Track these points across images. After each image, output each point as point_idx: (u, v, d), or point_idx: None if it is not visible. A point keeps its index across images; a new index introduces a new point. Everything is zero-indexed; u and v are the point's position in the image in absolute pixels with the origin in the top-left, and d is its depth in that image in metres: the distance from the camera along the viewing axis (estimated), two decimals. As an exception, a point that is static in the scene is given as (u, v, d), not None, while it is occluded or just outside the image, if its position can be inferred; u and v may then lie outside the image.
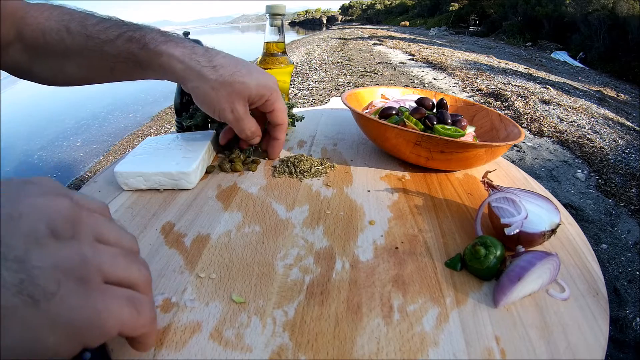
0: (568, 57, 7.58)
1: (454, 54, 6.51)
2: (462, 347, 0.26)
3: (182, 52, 0.40)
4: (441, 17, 17.53)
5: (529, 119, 2.97)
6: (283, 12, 0.59)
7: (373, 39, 9.31)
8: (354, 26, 22.80)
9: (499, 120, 0.58)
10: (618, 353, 1.10)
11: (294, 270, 0.32)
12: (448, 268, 0.33)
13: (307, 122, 0.69)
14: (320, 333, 0.26)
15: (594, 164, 2.33)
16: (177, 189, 0.44)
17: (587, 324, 0.28)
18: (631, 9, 7.26)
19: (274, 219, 0.39)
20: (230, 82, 0.41)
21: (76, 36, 0.39)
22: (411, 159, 0.50)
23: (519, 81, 4.32)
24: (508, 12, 11.11)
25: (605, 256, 1.51)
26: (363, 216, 0.40)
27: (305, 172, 0.48)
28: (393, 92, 0.68)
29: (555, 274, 0.31)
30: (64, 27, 0.39)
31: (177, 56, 0.40)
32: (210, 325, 0.27)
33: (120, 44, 0.39)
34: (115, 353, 0.24)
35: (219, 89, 0.41)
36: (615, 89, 4.90)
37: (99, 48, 0.39)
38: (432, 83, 4.21)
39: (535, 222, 0.34)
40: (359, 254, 0.34)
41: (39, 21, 0.39)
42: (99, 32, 0.39)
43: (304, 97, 3.44)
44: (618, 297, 1.31)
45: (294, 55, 6.63)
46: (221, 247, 0.34)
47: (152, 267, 0.31)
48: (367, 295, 0.30)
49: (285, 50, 0.63)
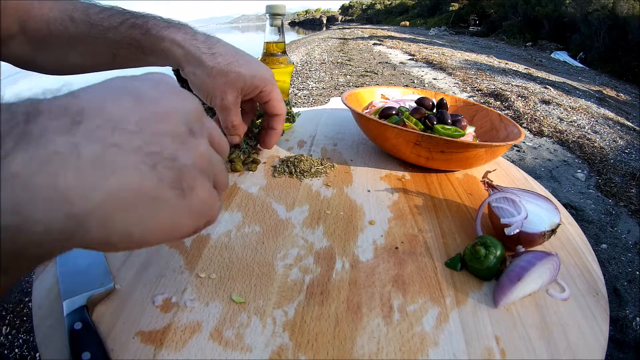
0: (568, 57, 7.59)
1: (454, 54, 6.51)
2: (462, 347, 0.26)
3: (183, 37, 0.40)
4: (441, 17, 17.54)
5: (529, 119, 2.97)
6: (283, 12, 0.59)
7: (373, 39, 9.31)
8: (354, 26, 22.80)
9: (499, 120, 0.58)
10: (618, 353, 1.10)
11: (294, 270, 0.32)
12: (448, 268, 0.33)
13: (307, 122, 0.69)
14: (320, 333, 0.26)
15: (594, 164, 2.33)
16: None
17: (587, 324, 0.28)
18: (631, 9, 7.27)
19: (274, 219, 0.39)
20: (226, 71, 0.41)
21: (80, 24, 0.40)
22: (411, 159, 0.50)
23: (519, 81, 4.32)
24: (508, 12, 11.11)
25: (605, 256, 1.51)
26: (363, 216, 0.40)
27: (305, 172, 0.48)
28: (393, 92, 0.68)
29: (555, 274, 0.31)
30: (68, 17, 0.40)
31: (178, 41, 0.40)
32: (210, 325, 0.27)
33: (124, 30, 0.40)
34: (115, 353, 0.24)
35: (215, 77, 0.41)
36: (615, 89, 4.90)
37: (102, 35, 0.40)
38: (432, 83, 4.21)
39: (535, 222, 0.34)
40: (359, 254, 0.34)
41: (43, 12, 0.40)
42: (102, 19, 0.40)
43: (304, 97, 3.44)
44: (618, 297, 1.31)
45: (294, 55, 6.63)
46: (221, 247, 0.34)
47: (152, 267, 0.31)
48: (367, 295, 0.30)
49: (285, 50, 0.63)
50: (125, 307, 0.28)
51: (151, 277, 0.30)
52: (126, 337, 0.25)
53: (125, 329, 0.26)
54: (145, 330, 0.26)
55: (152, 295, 0.29)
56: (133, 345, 0.25)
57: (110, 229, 0.16)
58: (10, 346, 1.02)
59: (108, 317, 0.27)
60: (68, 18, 0.40)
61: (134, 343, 0.25)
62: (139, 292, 0.29)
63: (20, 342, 1.03)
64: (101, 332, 0.25)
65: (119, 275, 0.30)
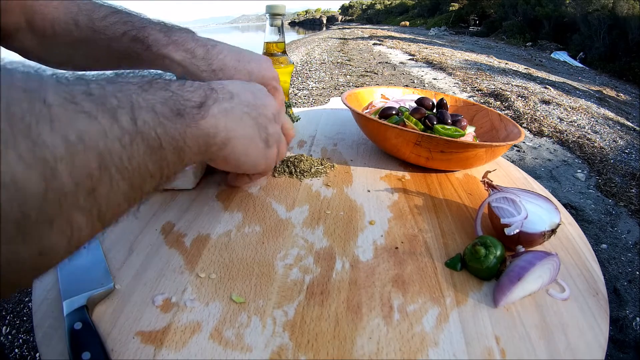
0: (568, 57, 7.59)
1: (454, 54, 6.51)
2: (462, 347, 0.26)
3: (182, 57, 0.41)
4: (441, 17, 17.53)
5: (529, 119, 2.97)
6: (283, 12, 0.59)
7: (373, 39, 9.31)
8: (354, 26, 22.79)
9: (499, 120, 0.58)
10: (618, 353, 1.10)
11: (294, 270, 0.32)
12: (448, 268, 0.33)
13: (307, 122, 0.69)
14: (320, 333, 0.26)
15: (594, 164, 2.33)
16: (177, 189, 0.44)
17: (587, 324, 0.29)
18: (631, 9, 7.27)
19: (274, 219, 0.39)
20: None
21: (84, 30, 0.41)
22: (411, 159, 0.50)
23: (519, 81, 4.32)
24: (508, 12, 11.11)
25: (605, 256, 1.51)
26: (363, 216, 0.40)
27: (305, 172, 0.48)
28: (393, 92, 0.68)
29: (555, 274, 0.31)
30: (72, 20, 0.40)
31: (178, 60, 0.41)
32: (210, 325, 0.27)
33: (126, 41, 0.40)
34: (115, 353, 0.24)
35: None
36: (615, 89, 4.90)
37: (105, 44, 0.41)
38: (432, 83, 4.21)
39: (535, 222, 0.34)
40: (359, 254, 0.34)
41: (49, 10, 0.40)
42: (106, 27, 0.40)
43: (304, 97, 3.44)
44: (618, 297, 1.31)
45: (294, 55, 6.63)
46: (221, 247, 0.34)
47: (152, 267, 0.31)
48: (367, 295, 0.30)
49: (285, 50, 0.63)
50: (125, 307, 0.28)
51: (151, 277, 0.30)
52: (126, 337, 0.25)
53: (125, 329, 0.26)
54: (145, 330, 0.26)
55: (152, 295, 0.29)
56: (133, 345, 0.25)
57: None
58: (10, 346, 1.02)
59: (108, 317, 0.27)
60: (72, 21, 0.40)
61: (134, 343, 0.25)
62: (139, 292, 0.29)
63: (20, 342, 1.03)
64: (101, 332, 0.25)
65: (119, 275, 0.30)
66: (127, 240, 0.34)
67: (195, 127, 0.25)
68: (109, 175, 0.18)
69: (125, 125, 0.19)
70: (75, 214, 0.16)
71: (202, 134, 0.26)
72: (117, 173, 0.18)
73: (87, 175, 0.16)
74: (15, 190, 0.13)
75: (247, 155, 0.32)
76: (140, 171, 0.20)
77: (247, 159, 0.33)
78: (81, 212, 0.17)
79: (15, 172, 0.13)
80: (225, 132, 0.28)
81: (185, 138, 0.24)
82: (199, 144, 0.26)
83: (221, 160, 0.32)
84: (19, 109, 0.14)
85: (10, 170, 0.13)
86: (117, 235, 0.35)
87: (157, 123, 0.21)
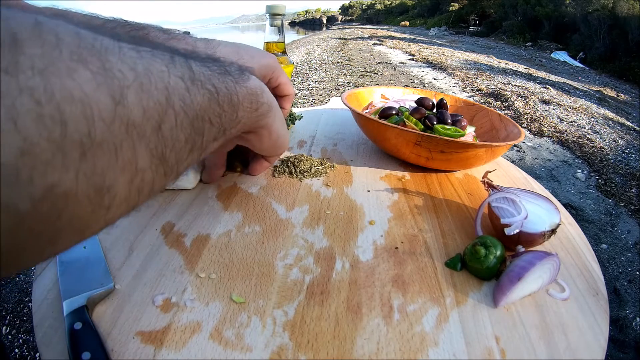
0: (568, 57, 7.59)
1: (454, 54, 6.51)
2: (462, 347, 0.26)
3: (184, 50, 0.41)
4: (441, 17, 17.53)
5: (529, 119, 2.97)
6: (283, 12, 0.59)
7: (373, 39, 9.31)
8: (354, 26, 22.79)
9: (499, 120, 0.58)
10: (618, 353, 1.10)
11: (294, 270, 0.32)
12: (448, 268, 0.33)
13: (307, 122, 0.69)
14: (320, 333, 0.26)
15: (594, 164, 2.33)
16: (177, 189, 0.44)
17: (587, 324, 0.29)
18: (631, 9, 7.27)
19: (274, 219, 0.39)
20: None
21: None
22: (411, 159, 0.50)
23: (519, 81, 4.32)
24: (508, 12, 11.11)
25: (605, 256, 1.51)
26: (363, 216, 0.40)
27: (305, 172, 0.48)
28: (393, 92, 0.68)
29: (555, 274, 0.31)
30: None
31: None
32: (210, 325, 0.27)
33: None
34: (115, 353, 0.24)
35: None
36: (615, 89, 4.90)
37: None
38: (432, 83, 4.21)
39: (535, 222, 0.34)
40: (359, 254, 0.34)
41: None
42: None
43: (304, 97, 3.44)
44: (618, 297, 1.31)
45: (294, 55, 6.62)
46: (221, 247, 0.34)
47: (152, 267, 0.31)
48: (367, 295, 0.30)
49: (285, 50, 0.63)
50: (125, 307, 0.28)
51: (151, 277, 0.30)
52: (126, 337, 0.25)
53: (125, 329, 0.26)
54: (145, 330, 0.26)
55: (152, 295, 0.29)
56: (133, 345, 0.25)
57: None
58: (10, 346, 1.02)
59: (108, 317, 0.27)
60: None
61: (134, 343, 0.25)
62: (139, 292, 0.29)
63: (20, 342, 1.03)
64: (101, 332, 0.25)
65: (119, 275, 0.30)
66: (127, 240, 0.34)
67: (244, 86, 0.26)
68: (173, 111, 0.18)
69: (184, 70, 0.19)
70: (141, 148, 0.16)
71: (251, 92, 0.27)
72: (181, 110, 0.18)
73: (154, 105, 0.16)
74: (83, 105, 0.13)
75: (283, 127, 0.35)
76: (201, 114, 0.20)
77: (283, 131, 0.35)
78: (146, 147, 0.16)
79: (84, 87, 0.13)
80: (267, 96, 0.30)
81: (237, 93, 0.25)
82: (250, 101, 0.27)
83: (264, 130, 0.32)
84: (89, 35, 0.15)
85: (80, 86, 0.13)
86: (117, 235, 0.35)
87: (211, 75, 0.22)
